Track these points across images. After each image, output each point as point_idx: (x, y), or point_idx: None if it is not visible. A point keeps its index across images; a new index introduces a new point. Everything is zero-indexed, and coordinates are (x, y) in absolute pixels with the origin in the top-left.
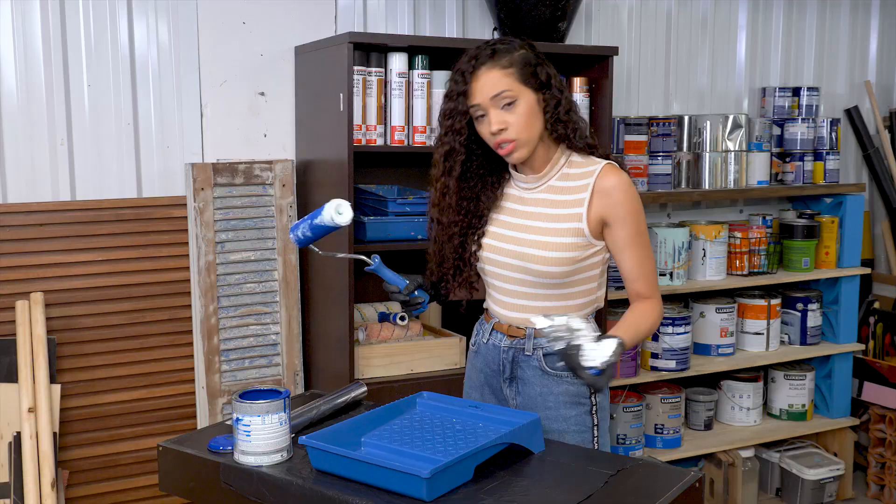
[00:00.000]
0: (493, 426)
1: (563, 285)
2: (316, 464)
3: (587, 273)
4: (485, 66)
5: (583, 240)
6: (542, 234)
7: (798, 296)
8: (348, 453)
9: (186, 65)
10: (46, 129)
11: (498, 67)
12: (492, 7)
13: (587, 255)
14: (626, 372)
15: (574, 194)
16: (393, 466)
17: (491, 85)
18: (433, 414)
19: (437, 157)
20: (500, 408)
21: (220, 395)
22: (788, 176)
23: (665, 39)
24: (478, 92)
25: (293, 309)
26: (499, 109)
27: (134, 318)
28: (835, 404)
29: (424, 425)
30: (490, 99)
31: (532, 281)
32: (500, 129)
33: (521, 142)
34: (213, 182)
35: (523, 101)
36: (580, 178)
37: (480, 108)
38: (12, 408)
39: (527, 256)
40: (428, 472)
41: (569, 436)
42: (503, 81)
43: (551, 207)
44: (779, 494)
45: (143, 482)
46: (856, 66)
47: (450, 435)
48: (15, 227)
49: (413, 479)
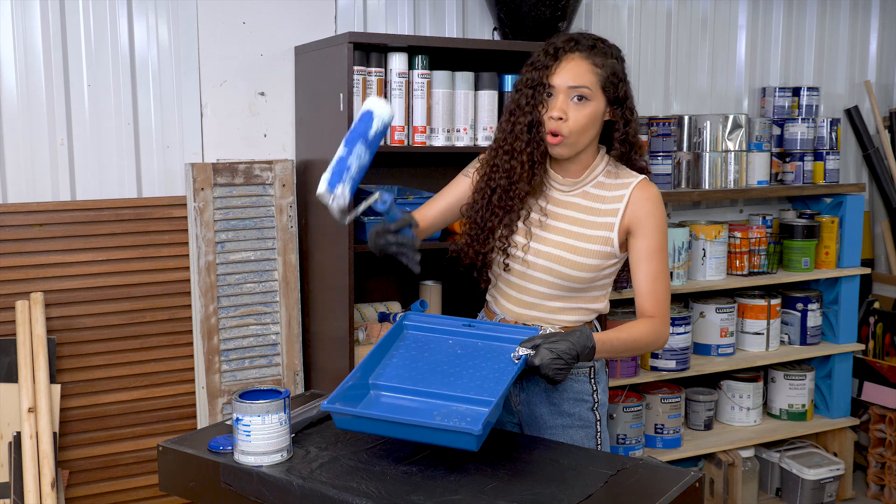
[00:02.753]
0: (495, 344)
1: (581, 289)
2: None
3: (604, 280)
4: (581, 53)
5: (610, 249)
6: (572, 239)
7: (798, 296)
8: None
9: (186, 65)
10: (46, 129)
11: (590, 62)
12: (492, 7)
13: (609, 265)
14: (626, 372)
15: (609, 204)
16: (444, 427)
17: (577, 74)
18: (427, 339)
19: (519, 126)
20: (494, 324)
21: (220, 395)
22: (788, 176)
23: (665, 39)
24: (562, 73)
25: (293, 309)
26: (569, 99)
27: (134, 318)
28: (835, 404)
29: (425, 355)
30: (568, 87)
31: (554, 283)
32: (560, 117)
33: (570, 141)
34: (213, 182)
35: (593, 105)
36: (616, 188)
37: (554, 89)
38: (12, 408)
39: (558, 259)
40: (479, 427)
41: (572, 431)
42: (588, 77)
43: (585, 213)
44: (779, 494)
45: (143, 482)
46: (856, 66)
47: (457, 363)
48: (15, 227)
49: (464, 436)
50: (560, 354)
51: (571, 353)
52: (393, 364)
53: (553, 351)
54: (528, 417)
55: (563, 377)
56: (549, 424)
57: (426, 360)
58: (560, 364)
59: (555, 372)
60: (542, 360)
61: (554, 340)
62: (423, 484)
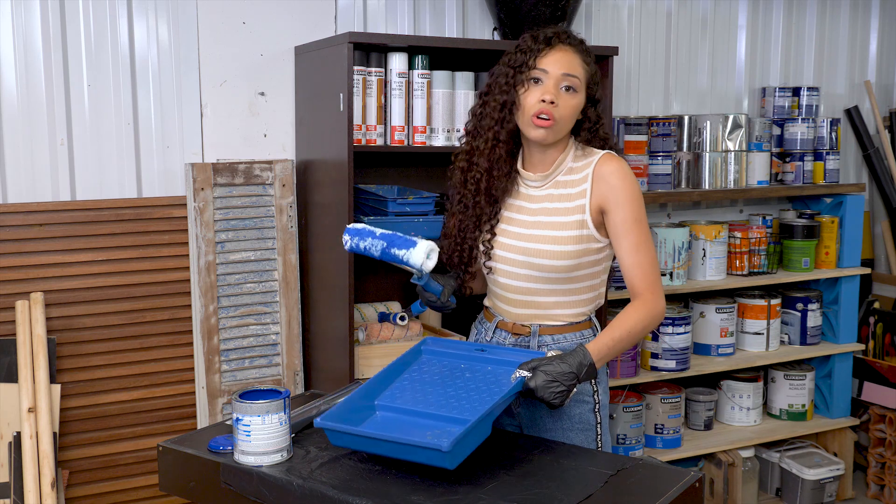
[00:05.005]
0: (503, 368)
1: (568, 280)
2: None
3: (592, 269)
4: (573, 47)
5: (587, 232)
6: (548, 229)
7: (798, 296)
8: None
9: (186, 65)
10: (46, 129)
11: (581, 57)
12: (492, 7)
13: (592, 251)
14: (627, 372)
15: (576, 187)
16: (412, 442)
17: (572, 64)
18: (441, 362)
19: (490, 108)
20: (506, 349)
21: (220, 395)
22: (788, 176)
23: (665, 39)
24: (555, 61)
25: (293, 309)
26: (559, 87)
27: (134, 318)
28: (835, 404)
29: (434, 377)
30: (562, 74)
31: (538, 276)
32: (553, 101)
33: (557, 127)
34: (212, 182)
35: (579, 97)
36: (581, 170)
37: (545, 75)
38: (12, 408)
39: (533, 251)
40: (448, 444)
41: (573, 433)
42: (580, 70)
43: (557, 202)
44: (779, 494)
45: (143, 482)
46: (856, 66)
47: (461, 386)
48: (15, 227)
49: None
50: (556, 377)
51: (568, 374)
52: (400, 385)
53: (548, 374)
54: (527, 420)
55: (560, 401)
56: (549, 427)
57: (434, 382)
58: (556, 387)
59: (552, 395)
60: (536, 383)
61: (550, 362)
62: (422, 484)
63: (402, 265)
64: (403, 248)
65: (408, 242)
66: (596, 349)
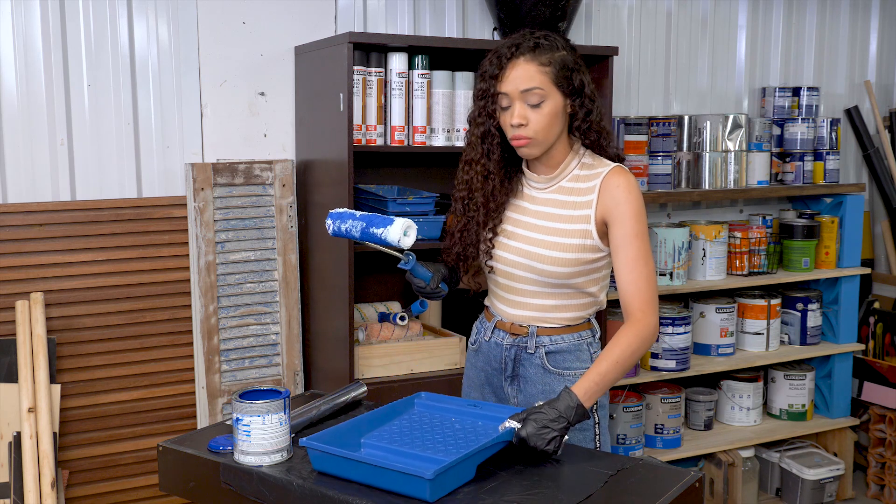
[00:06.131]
0: (494, 423)
1: (568, 286)
2: (317, 465)
3: (592, 276)
4: (524, 56)
5: (590, 242)
6: (550, 234)
7: (798, 296)
8: (350, 455)
9: (186, 65)
10: (46, 129)
11: (536, 63)
12: (492, 7)
13: (594, 259)
14: (627, 372)
15: (583, 195)
16: (396, 468)
17: (525, 78)
18: (432, 414)
19: (474, 138)
20: (499, 406)
21: (220, 395)
22: (788, 176)
23: (665, 39)
24: (510, 80)
25: (293, 309)
26: (524, 104)
27: (134, 318)
28: (835, 404)
29: (424, 425)
30: (520, 92)
31: (537, 280)
32: (520, 123)
33: (537, 141)
34: (212, 182)
35: (550, 103)
36: (590, 179)
37: (508, 98)
38: (12, 408)
39: (534, 256)
40: (431, 473)
41: (571, 434)
42: (537, 78)
43: (561, 208)
44: (779, 494)
45: (143, 482)
46: (856, 66)
47: (450, 434)
48: (15, 227)
49: (416, 481)
50: (546, 424)
51: (558, 420)
52: (389, 428)
53: (538, 421)
54: None
55: (554, 448)
56: None
57: (423, 428)
58: (547, 433)
59: (544, 442)
60: (528, 432)
61: (539, 410)
62: None
63: (381, 245)
64: (381, 226)
65: (385, 221)
66: (582, 389)
